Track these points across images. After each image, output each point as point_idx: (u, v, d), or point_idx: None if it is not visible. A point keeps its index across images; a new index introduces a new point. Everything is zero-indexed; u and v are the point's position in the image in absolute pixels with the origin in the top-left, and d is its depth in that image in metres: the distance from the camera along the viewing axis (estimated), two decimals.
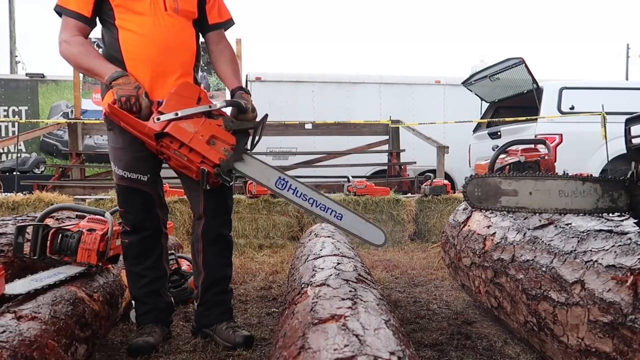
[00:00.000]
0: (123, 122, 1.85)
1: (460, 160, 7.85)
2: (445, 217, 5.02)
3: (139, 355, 1.88)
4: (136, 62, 1.93)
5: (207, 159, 1.80)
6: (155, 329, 2.02)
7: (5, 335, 1.24)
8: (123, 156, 1.99)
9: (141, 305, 2.07)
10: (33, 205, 4.62)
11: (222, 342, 2.00)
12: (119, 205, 2.08)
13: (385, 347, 0.99)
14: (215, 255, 2.08)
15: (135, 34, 1.94)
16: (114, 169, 2.02)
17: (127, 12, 1.94)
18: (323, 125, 8.03)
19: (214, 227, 2.06)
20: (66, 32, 1.93)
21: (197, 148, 1.79)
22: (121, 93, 1.80)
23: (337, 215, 1.86)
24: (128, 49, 1.94)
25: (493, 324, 2.29)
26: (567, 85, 6.34)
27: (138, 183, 2.00)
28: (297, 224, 4.97)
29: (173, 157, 1.85)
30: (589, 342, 1.31)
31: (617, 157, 5.67)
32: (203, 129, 1.81)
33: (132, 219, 2.03)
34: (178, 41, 2.00)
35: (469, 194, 1.67)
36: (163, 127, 1.78)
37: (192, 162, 1.81)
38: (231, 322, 2.09)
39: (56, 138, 10.35)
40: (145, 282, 2.05)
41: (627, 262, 1.29)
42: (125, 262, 2.08)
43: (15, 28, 16.31)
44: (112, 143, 2.03)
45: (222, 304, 2.10)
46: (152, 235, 2.06)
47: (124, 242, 2.05)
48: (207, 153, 1.79)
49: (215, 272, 2.08)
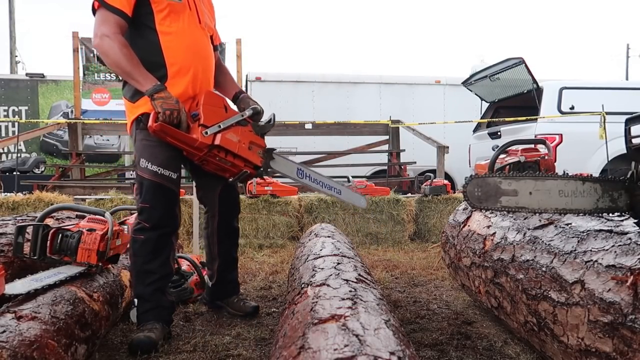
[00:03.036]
0: (170, 138, 1.96)
1: (460, 160, 7.85)
2: (445, 217, 5.02)
3: (140, 350, 1.89)
4: (179, 68, 2.05)
5: (250, 163, 2.08)
6: (157, 326, 2.03)
7: (5, 335, 1.24)
8: (159, 153, 2.05)
9: (144, 303, 2.08)
10: (33, 205, 4.62)
11: (234, 312, 2.41)
12: (143, 202, 2.06)
13: (385, 347, 0.99)
14: (228, 244, 2.43)
15: (177, 41, 2.06)
16: (146, 165, 2.05)
17: (169, 19, 2.05)
18: (323, 125, 8.03)
19: (228, 223, 2.39)
20: (106, 27, 1.97)
21: (243, 155, 2.04)
22: (165, 107, 1.91)
23: (337, 191, 2.36)
24: (171, 54, 2.06)
25: (493, 324, 2.29)
26: (567, 85, 6.33)
27: (168, 180, 2.08)
28: (297, 224, 4.96)
29: (214, 163, 2.04)
30: (589, 342, 1.31)
31: (617, 157, 5.67)
32: (242, 137, 2.06)
33: (156, 215, 2.07)
34: (208, 52, 2.21)
35: (469, 194, 1.67)
36: (212, 139, 1.97)
37: (236, 167, 2.06)
38: (240, 295, 2.51)
39: (56, 138, 10.36)
40: (153, 279, 2.08)
41: (627, 262, 1.29)
42: (136, 258, 2.09)
43: (15, 28, 16.33)
44: (145, 141, 2.07)
45: (232, 281, 2.48)
46: (168, 233, 2.12)
47: (138, 238, 2.07)
48: (251, 158, 2.07)
49: (227, 258, 2.44)
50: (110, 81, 8.28)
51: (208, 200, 2.37)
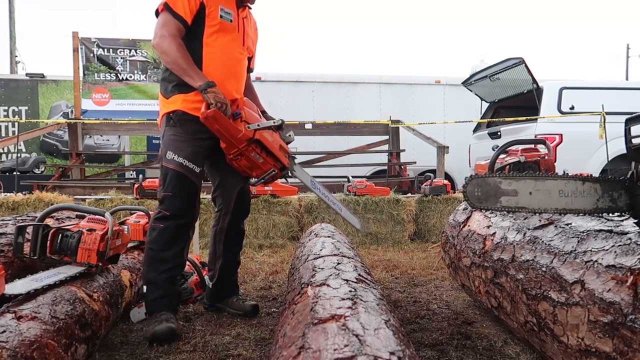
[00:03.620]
0: (219, 126, 2.14)
1: (460, 160, 7.85)
2: (445, 217, 5.02)
3: (164, 341, 1.99)
4: (213, 78, 2.18)
5: (279, 162, 2.29)
6: (171, 315, 2.13)
7: (5, 335, 1.24)
8: (186, 147, 2.22)
9: (156, 290, 2.17)
10: (33, 205, 4.62)
11: (234, 311, 2.45)
12: (165, 190, 2.20)
13: (385, 347, 0.99)
14: (234, 244, 2.52)
15: (217, 55, 2.26)
16: (172, 157, 2.21)
17: (215, 35, 2.25)
18: (323, 125, 8.02)
19: (237, 223, 2.50)
20: (167, 29, 2.17)
21: (275, 153, 2.27)
22: (218, 99, 2.11)
23: (339, 208, 2.53)
24: (209, 64, 2.24)
25: (493, 324, 2.29)
26: (567, 85, 6.33)
27: (192, 173, 2.22)
28: (297, 224, 4.97)
29: (249, 158, 2.24)
30: (589, 342, 1.31)
31: (617, 157, 5.66)
32: (275, 139, 2.29)
33: (177, 204, 2.20)
34: (242, 71, 2.42)
35: (469, 194, 1.68)
36: (253, 134, 2.19)
37: (266, 164, 2.27)
38: (239, 295, 2.56)
39: (56, 138, 10.34)
40: (167, 267, 2.19)
41: (627, 262, 1.29)
42: (152, 245, 2.20)
43: (15, 28, 16.31)
44: (173, 136, 2.24)
45: (232, 282, 2.54)
46: (186, 224, 2.25)
47: (157, 226, 2.20)
48: (280, 158, 2.29)
49: (231, 259, 2.52)
50: (110, 81, 8.27)
51: (224, 198, 2.47)
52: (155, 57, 8.28)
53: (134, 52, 8.28)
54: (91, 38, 8.20)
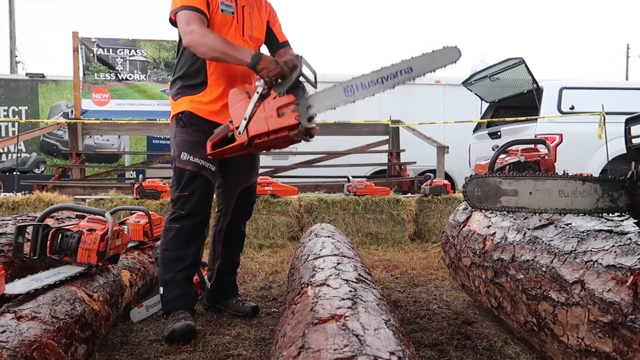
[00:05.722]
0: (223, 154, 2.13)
1: (460, 160, 7.85)
2: (445, 217, 5.02)
3: (184, 339, 2.00)
4: (217, 76, 2.21)
5: (288, 127, 1.98)
6: (189, 313, 2.14)
7: (5, 335, 1.24)
8: (200, 147, 2.18)
9: (174, 289, 2.18)
10: (33, 205, 4.62)
11: (234, 312, 2.44)
12: (181, 191, 2.20)
13: (385, 347, 0.99)
14: (233, 245, 2.51)
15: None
16: (188, 158, 2.20)
17: (219, 30, 2.19)
18: (323, 125, 8.00)
19: (237, 224, 2.49)
20: (193, 23, 2.11)
21: (277, 127, 1.99)
22: (271, 75, 1.98)
23: (407, 70, 1.90)
24: (211, 63, 2.20)
25: (493, 324, 2.29)
26: (567, 85, 6.33)
27: (208, 172, 2.23)
28: (297, 224, 4.96)
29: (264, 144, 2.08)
30: (589, 342, 1.31)
31: (617, 157, 5.66)
32: (268, 111, 2.01)
33: (192, 202, 2.19)
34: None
35: (469, 194, 1.67)
36: (247, 134, 2.03)
37: (282, 138, 2.02)
38: (238, 297, 2.54)
39: (56, 138, 10.35)
40: (184, 266, 2.20)
41: (627, 262, 1.29)
42: (168, 246, 2.20)
43: (15, 28, 16.32)
44: (185, 137, 2.23)
45: (231, 283, 2.54)
46: (202, 222, 2.25)
47: (173, 227, 2.20)
48: (285, 123, 1.98)
49: (229, 259, 2.51)
50: (110, 81, 8.27)
51: (226, 197, 2.46)
52: (155, 57, 8.29)
53: (133, 52, 8.28)
54: (91, 38, 8.20)
